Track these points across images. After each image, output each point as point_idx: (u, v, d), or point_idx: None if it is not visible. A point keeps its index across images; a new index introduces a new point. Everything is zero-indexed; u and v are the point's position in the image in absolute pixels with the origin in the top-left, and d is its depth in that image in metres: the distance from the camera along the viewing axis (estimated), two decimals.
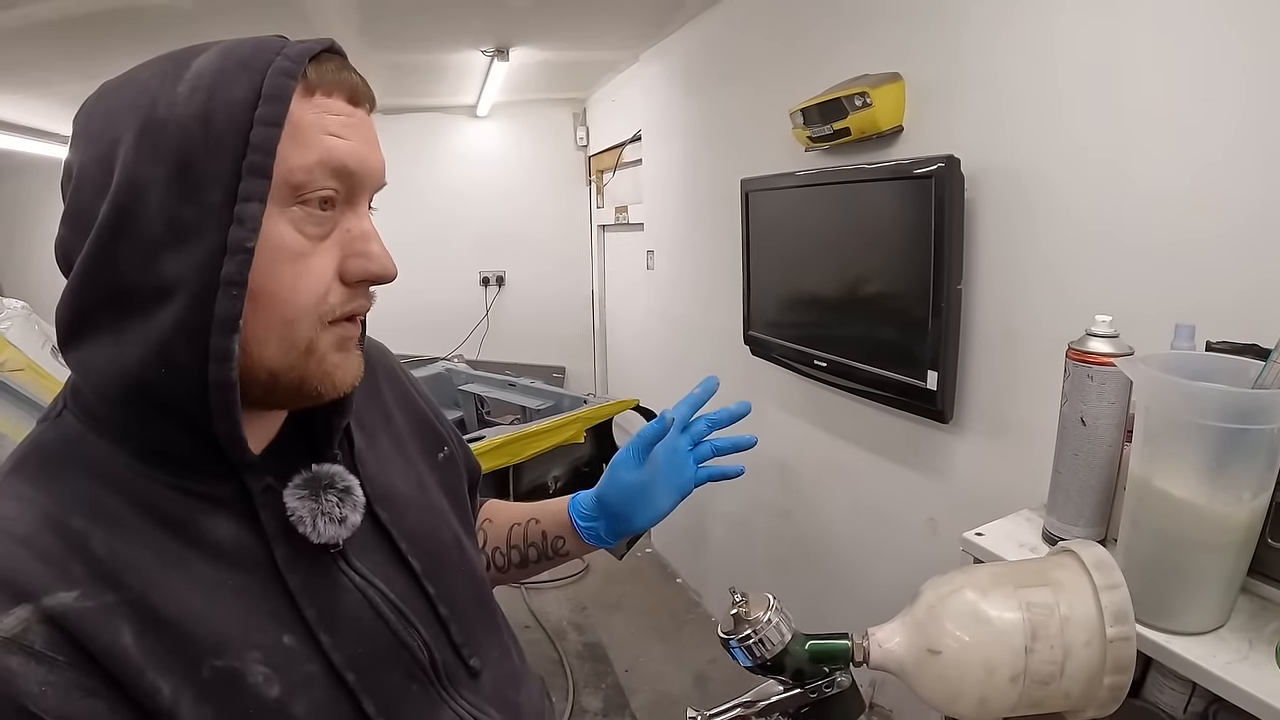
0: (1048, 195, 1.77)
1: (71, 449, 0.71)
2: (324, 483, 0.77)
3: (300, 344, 0.71)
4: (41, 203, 6.04)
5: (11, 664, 0.58)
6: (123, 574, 0.65)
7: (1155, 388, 1.03)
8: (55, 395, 0.77)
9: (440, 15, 3.60)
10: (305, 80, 0.68)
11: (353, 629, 0.76)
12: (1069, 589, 0.75)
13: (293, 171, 0.67)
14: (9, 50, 3.43)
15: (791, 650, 0.78)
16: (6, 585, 0.60)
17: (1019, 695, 0.74)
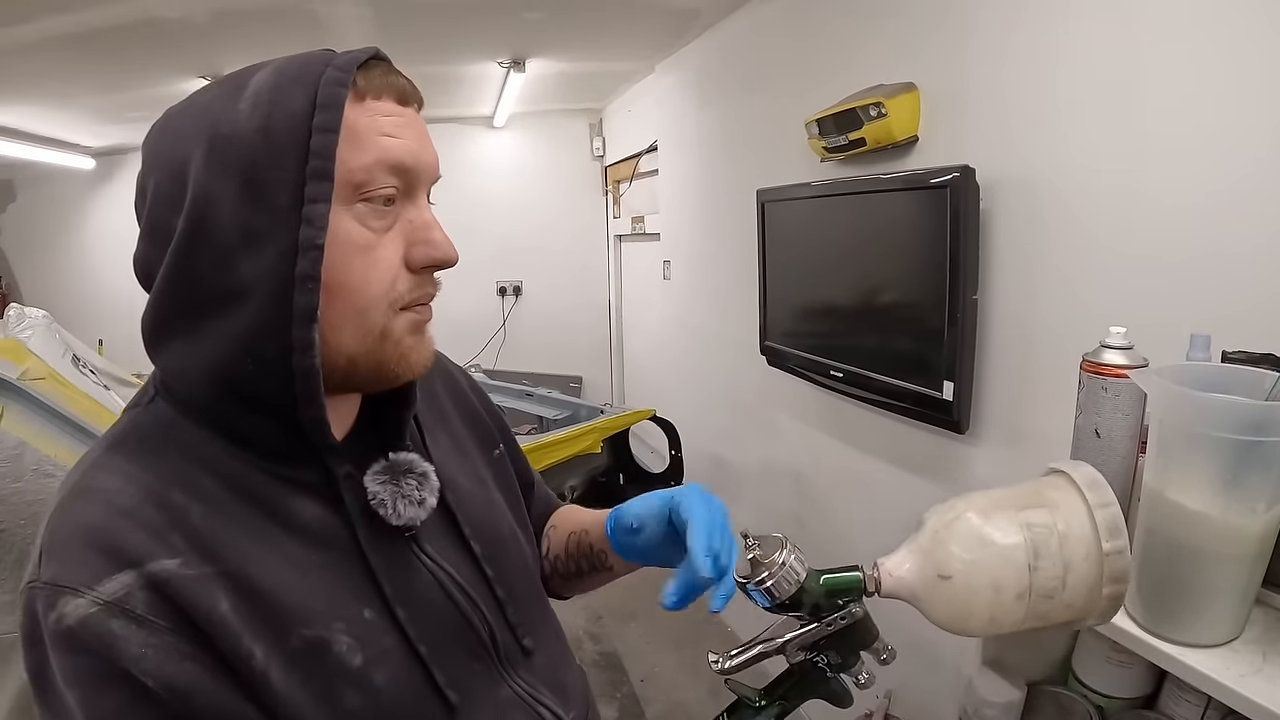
0: (1063, 205, 1.77)
1: (166, 432, 0.76)
2: (402, 469, 0.83)
3: (375, 330, 0.76)
4: (61, 212, 6.12)
5: (114, 627, 0.62)
6: (220, 547, 0.70)
7: (1168, 400, 1.03)
8: (141, 386, 0.84)
9: (456, 27, 3.62)
10: (355, 87, 0.73)
11: (425, 608, 0.82)
12: (1064, 508, 0.78)
13: (353, 172, 0.72)
14: (29, 62, 3.48)
15: (807, 588, 0.81)
16: (111, 552, 0.65)
17: (1026, 610, 0.78)
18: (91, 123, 4.98)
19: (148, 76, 4.04)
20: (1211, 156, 1.44)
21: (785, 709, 0.84)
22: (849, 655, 0.83)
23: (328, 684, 0.72)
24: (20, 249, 6.25)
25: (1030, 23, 1.81)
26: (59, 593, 0.64)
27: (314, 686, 0.71)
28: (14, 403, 2.39)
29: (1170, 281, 1.53)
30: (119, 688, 0.63)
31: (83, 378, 2.65)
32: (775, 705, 0.84)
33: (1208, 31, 1.44)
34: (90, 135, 5.41)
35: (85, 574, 0.64)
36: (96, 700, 0.63)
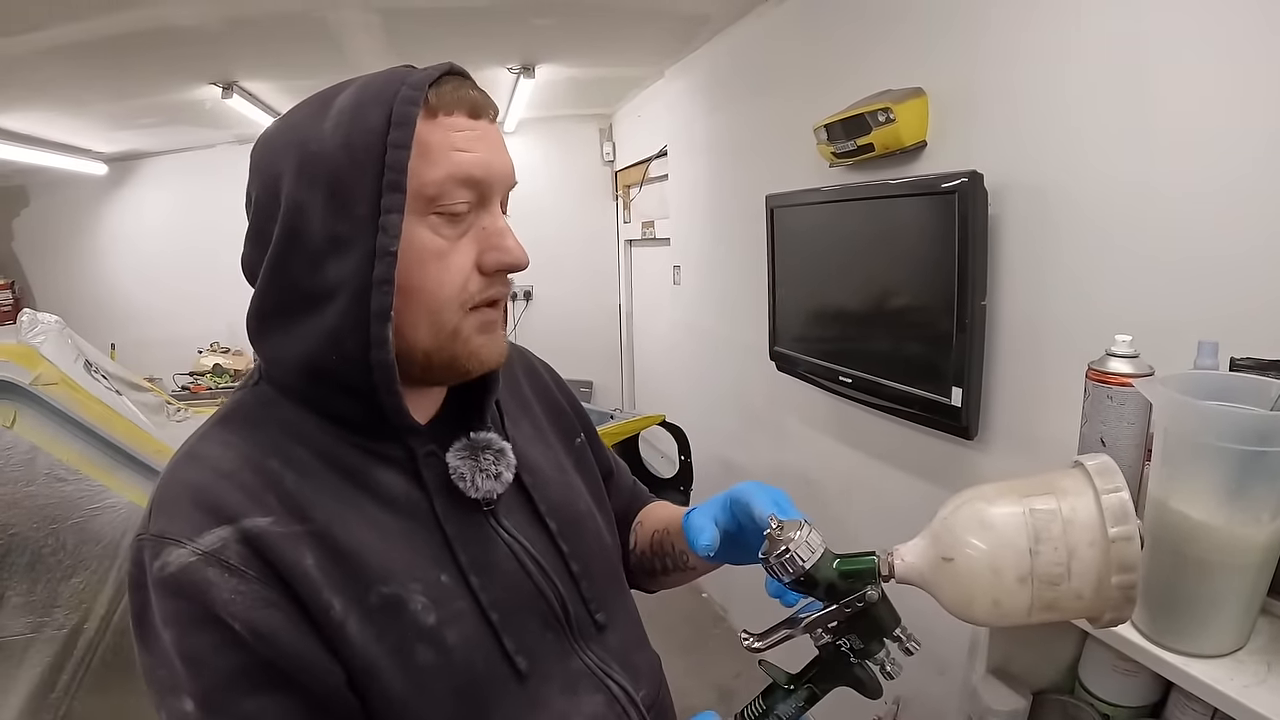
0: (1072, 210, 1.76)
1: (267, 409, 0.85)
2: (481, 446, 0.90)
3: (447, 328, 0.83)
4: (74, 218, 6.15)
5: (209, 575, 0.71)
6: (309, 509, 0.78)
7: (1173, 409, 1.03)
8: (249, 370, 0.94)
9: (466, 33, 3.64)
10: (428, 104, 0.79)
11: (499, 577, 0.87)
12: (1072, 494, 0.78)
13: (425, 185, 0.78)
14: (43, 69, 3.50)
15: (821, 567, 0.83)
16: (211, 509, 0.74)
17: (1030, 596, 0.77)
18: (104, 129, 5.01)
19: (160, 83, 4.07)
20: (1222, 160, 1.44)
21: (814, 694, 0.87)
22: (871, 641, 0.84)
23: (402, 639, 0.78)
24: (33, 254, 6.28)
25: (1038, 28, 1.81)
26: (164, 543, 0.72)
27: (389, 641, 0.77)
28: (27, 408, 2.41)
29: (1180, 287, 1.53)
30: (210, 629, 0.70)
31: (95, 383, 2.66)
32: (804, 689, 0.86)
33: (1217, 36, 1.43)
34: (103, 141, 5.44)
35: (188, 527, 0.73)
36: (190, 639, 0.71)
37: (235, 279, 0.87)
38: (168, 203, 6.08)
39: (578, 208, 6.35)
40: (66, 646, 2.36)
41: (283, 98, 4.51)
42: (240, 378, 5.67)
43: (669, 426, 4.04)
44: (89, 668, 2.38)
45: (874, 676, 0.86)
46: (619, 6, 3.34)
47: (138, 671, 0.75)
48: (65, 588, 2.37)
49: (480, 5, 3.19)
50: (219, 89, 4.12)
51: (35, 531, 2.35)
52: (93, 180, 5.98)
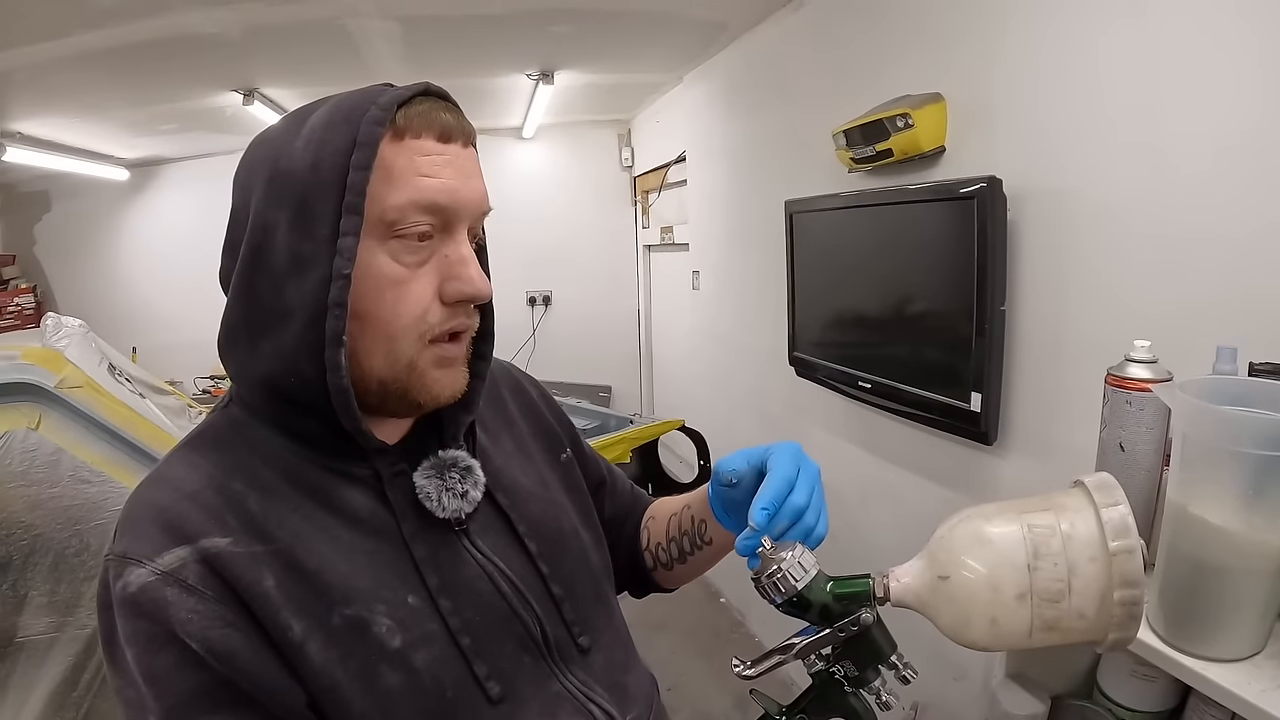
0: (1090, 215, 1.76)
1: (236, 431, 0.85)
2: (448, 464, 0.88)
3: (402, 359, 0.82)
4: (96, 223, 6.20)
5: (167, 594, 0.70)
6: (272, 530, 0.77)
7: (1191, 415, 1.03)
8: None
9: (485, 41, 3.66)
10: (394, 126, 0.78)
11: (471, 599, 0.85)
12: (1071, 510, 0.76)
13: (386, 210, 0.77)
14: (65, 76, 3.55)
15: (815, 589, 0.81)
16: (171, 529, 0.74)
17: (1030, 615, 0.75)
18: (125, 135, 5.05)
19: (181, 90, 4.11)
20: (1240, 167, 1.43)
21: None
22: (866, 668, 0.82)
23: (366, 661, 0.76)
24: (55, 258, 6.33)
25: (1057, 33, 1.81)
26: (125, 563, 0.72)
27: (353, 663, 0.76)
28: (52, 410, 2.43)
29: (1199, 292, 1.52)
30: (169, 648, 0.70)
31: (119, 386, 2.68)
32: (796, 718, 0.84)
33: (1235, 39, 1.43)
34: (124, 147, 5.49)
35: (149, 547, 0.73)
36: (150, 658, 0.70)
37: None
38: (189, 208, 6.11)
39: (596, 213, 6.36)
40: (89, 646, 2.38)
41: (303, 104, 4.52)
42: None
43: (688, 432, 4.04)
44: None
45: (869, 707, 0.84)
46: (636, 13, 3.35)
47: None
48: (88, 588, 2.39)
49: (498, 12, 3.22)
50: (240, 95, 4.15)
51: (59, 532, 2.37)
52: (114, 185, 6.02)
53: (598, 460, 1.24)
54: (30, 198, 6.19)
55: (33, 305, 5.86)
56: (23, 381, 2.40)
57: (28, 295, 5.90)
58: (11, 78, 3.49)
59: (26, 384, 2.40)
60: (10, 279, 6.01)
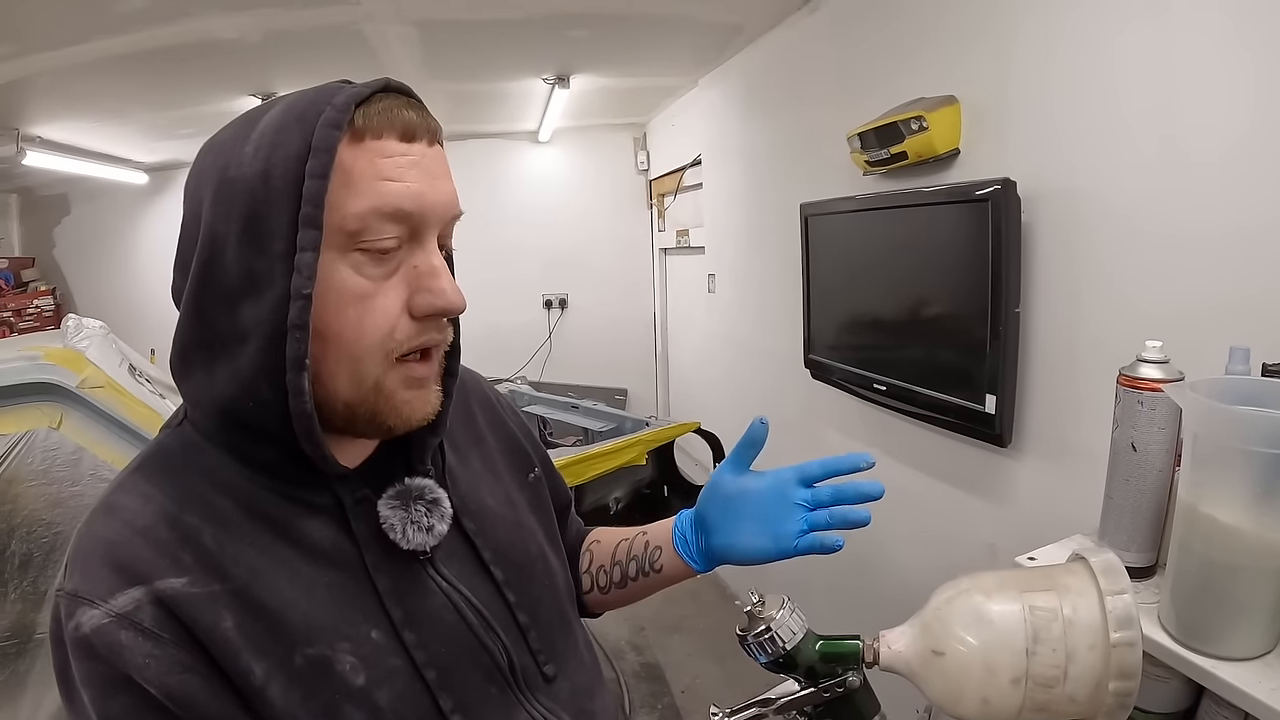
0: (1104, 217, 1.76)
1: (189, 455, 0.79)
2: (414, 494, 0.84)
3: (369, 380, 0.76)
4: (115, 226, 6.25)
5: (121, 638, 0.67)
6: (229, 566, 0.73)
7: (1202, 414, 1.03)
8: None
9: (501, 45, 3.68)
10: (353, 127, 0.71)
11: (437, 630, 0.82)
12: (1074, 593, 0.75)
13: (347, 219, 0.71)
14: (84, 81, 3.58)
15: (803, 648, 0.81)
16: (123, 569, 0.69)
17: (1023, 698, 0.74)
18: (145, 139, 5.09)
19: (200, 95, 4.14)
20: (1255, 169, 1.43)
21: None
22: None
23: (330, 702, 0.74)
24: (74, 261, 6.39)
25: (1071, 35, 1.81)
26: (77, 603, 0.68)
27: (317, 703, 0.73)
28: (73, 410, 2.46)
29: (1212, 292, 1.52)
30: (126, 693, 0.67)
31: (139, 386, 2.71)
32: None
33: (1250, 40, 1.43)
34: (143, 151, 5.53)
35: (101, 588, 0.69)
36: (106, 702, 0.68)
37: None
38: None
39: (612, 216, 6.38)
40: None
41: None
42: None
43: (704, 434, 4.04)
44: None
45: None
46: (652, 17, 3.36)
47: None
48: None
49: (515, 17, 3.23)
50: (258, 100, 4.15)
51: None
52: (133, 189, 6.07)
53: (563, 483, 1.20)
54: (50, 201, 6.25)
55: (52, 307, 5.91)
56: (45, 381, 2.44)
57: (47, 297, 5.96)
58: (33, 83, 3.52)
59: (48, 384, 2.44)
60: (30, 281, 6.07)
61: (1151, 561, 1.26)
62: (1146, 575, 1.26)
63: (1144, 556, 1.25)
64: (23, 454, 2.38)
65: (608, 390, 6.15)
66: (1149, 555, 1.25)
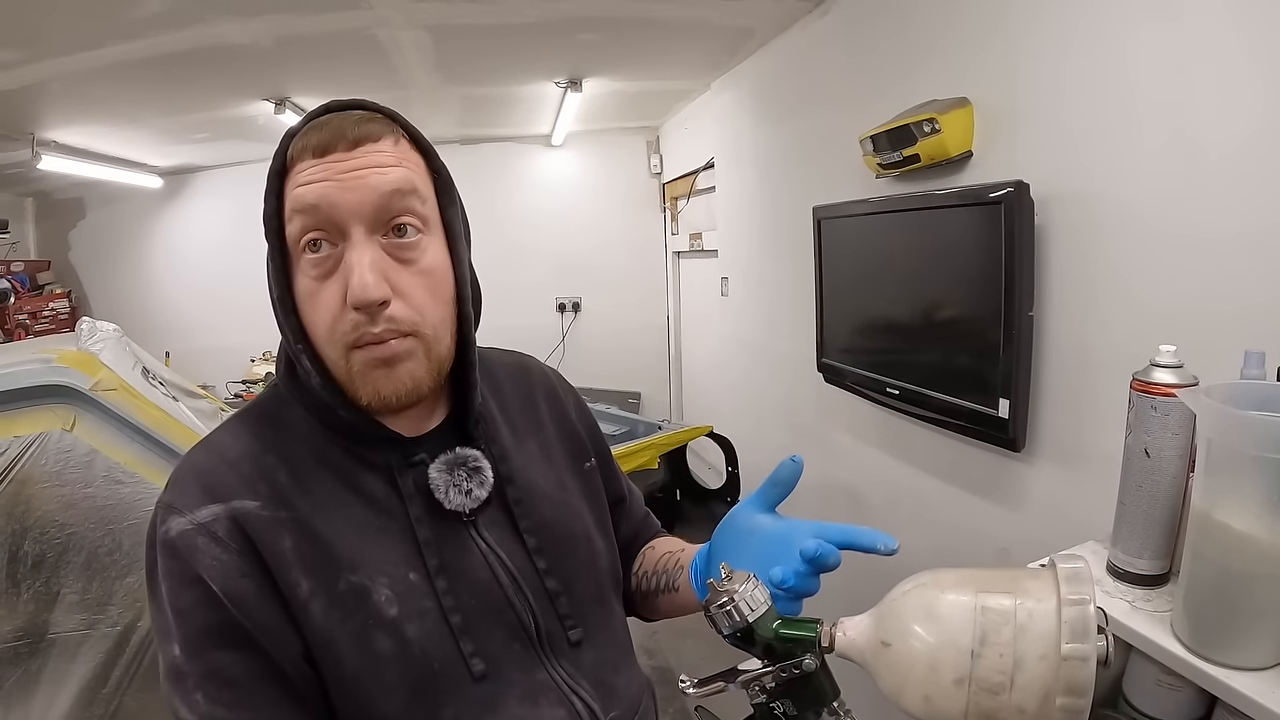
0: (1118, 220, 1.75)
1: (280, 409, 0.97)
2: (460, 462, 0.97)
3: (338, 367, 0.90)
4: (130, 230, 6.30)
5: (198, 543, 0.82)
6: (295, 500, 0.88)
7: (1217, 420, 1.01)
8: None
9: (513, 49, 3.69)
10: (288, 157, 0.88)
11: (468, 583, 0.93)
12: (1033, 598, 0.72)
13: (289, 231, 0.88)
14: (100, 86, 3.61)
15: (762, 625, 0.82)
16: (209, 489, 0.86)
17: (966, 701, 0.72)
18: (159, 143, 5.13)
19: (214, 100, 4.17)
20: (1270, 170, 1.42)
21: None
22: (805, 710, 0.82)
23: (364, 625, 0.85)
24: (89, 264, 6.44)
25: (1084, 36, 1.80)
26: (170, 511, 0.85)
27: (352, 625, 0.85)
28: (86, 412, 2.46)
29: (1227, 296, 1.50)
30: (195, 587, 0.81)
31: (152, 389, 2.71)
32: None
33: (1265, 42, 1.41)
34: (158, 155, 5.57)
35: (190, 501, 0.85)
36: (179, 594, 0.82)
37: None
38: (221, 215, 6.20)
39: (625, 220, 6.39)
40: (119, 644, 2.41)
41: None
42: None
43: (716, 438, 4.03)
44: (140, 665, 2.43)
45: None
46: (663, 21, 3.36)
47: None
48: (120, 587, 2.42)
49: (527, 21, 3.24)
50: (272, 105, 4.21)
51: (92, 531, 2.41)
52: (148, 193, 6.12)
53: (620, 479, 1.29)
54: (65, 205, 6.30)
55: (68, 310, 5.95)
56: (58, 384, 2.44)
57: (63, 300, 5.99)
58: (48, 88, 3.56)
59: (62, 386, 2.44)
60: (45, 284, 6.11)
61: (1165, 569, 1.24)
62: (1159, 583, 1.25)
63: (1157, 564, 1.24)
64: (36, 456, 2.39)
65: (621, 394, 6.14)
66: (1162, 563, 1.24)
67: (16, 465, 2.36)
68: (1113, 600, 1.24)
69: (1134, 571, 1.25)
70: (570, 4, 3.10)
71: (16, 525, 2.35)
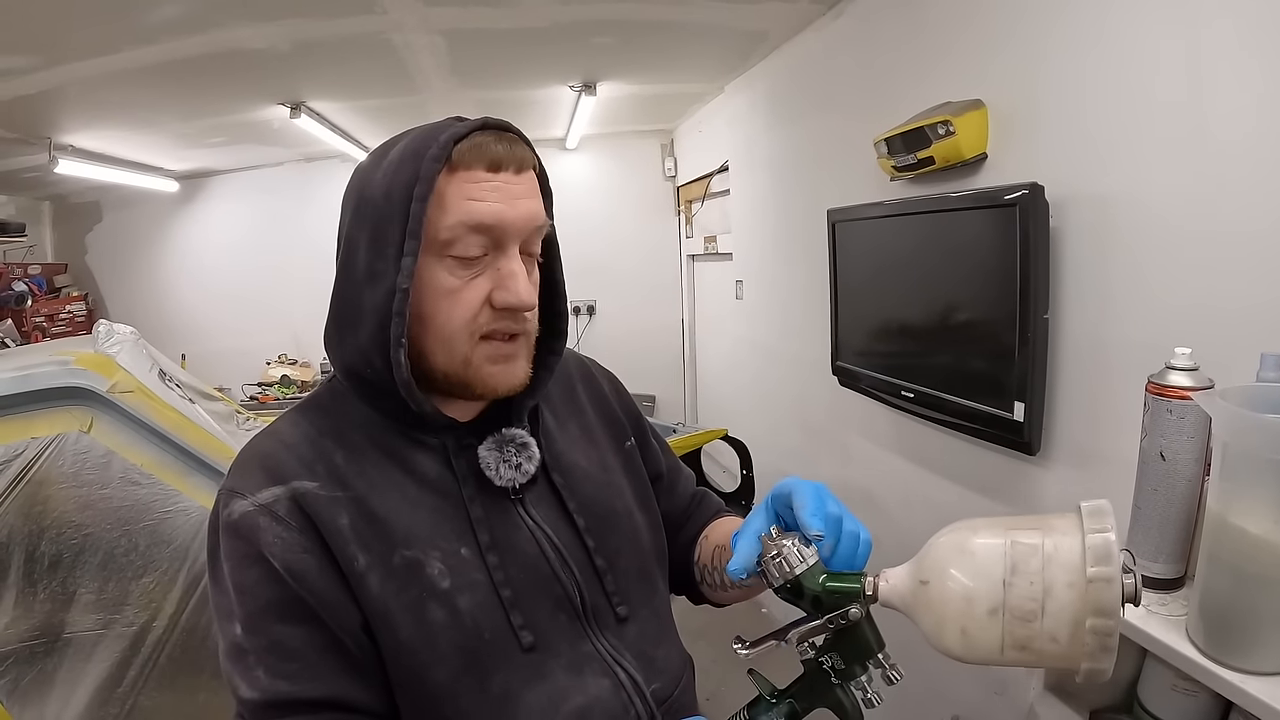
0: (1134, 222, 1.74)
1: (335, 401, 1.02)
2: (507, 440, 1.01)
3: (458, 356, 0.95)
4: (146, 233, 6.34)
5: (260, 522, 0.88)
6: (352, 480, 0.94)
7: (1233, 423, 1.01)
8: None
9: (527, 53, 3.70)
10: (450, 160, 0.90)
11: (517, 558, 0.98)
12: (1059, 533, 0.75)
13: (440, 231, 0.90)
14: (117, 91, 3.64)
15: (809, 578, 0.85)
16: (270, 472, 0.92)
17: (1001, 631, 0.75)
18: (175, 147, 5.16)
19: (230, 104, 4.21)
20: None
21: (795, 710, 0.89)
22: (852, 663, 0.85)
23: (418, 597, 0.90)
24: (106, 268, 6.50)
25: (1098, 37, 1.79)
26: (232, 496, 0.90)
27: (406, 596, 0.90)
28: (103, 414, 2.49)
29: (1243, 298, 1.49)
30: (257, 565, 0.87)
31: (169, 391, 2.73)
32: (786, 704, 0.90)
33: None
34: (174, 159, 5.61)
35: (252, 484, 0.91)
36: (241, 571, 0.87)
37: (301, 293, 0.96)
38: (236, 219, 6.25)
39: (640, 223, 6.40)
40: (135, 643, 2.43)
41: (349, 117, 4.62)
42: (306, 389, 5.80)
43: (731, 441, 4.03)
44: (156, 664, 2.44)
45: (855, 703, 0.87)
46: (677, 24, 3.37)
47: (201, 669, 0.86)
48: (136, 587, 2.44)
49: (541, 26, 3.25)
50: (287, 109, 4.24)
51: (108, 532, 2.43)
52: (164, 197, 6.16)
53: (660, 456, 1.32)
54: (82, 208, 6.36)
55: (84, 313, 5.99)
56: (76, 386, 2.47)
57: (79, 303, 6.04)
58: (65, 92, 3.59)
59: (79, 388, 2.47)
60: (62, 287, 6.16)
61: (1180, 573, 1.24)
62: (1175, 587, 1.24)
63: (1172, 568, 1.23)
64: (53, 457, 2.41)
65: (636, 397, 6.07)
66: (1177, 566, 1.23)
67: (34, 466, 2.38)
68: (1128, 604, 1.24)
69: (1149, 575, 1.25)
70: (584, 7, 3.11)
71: (34, 525, 2.38)
